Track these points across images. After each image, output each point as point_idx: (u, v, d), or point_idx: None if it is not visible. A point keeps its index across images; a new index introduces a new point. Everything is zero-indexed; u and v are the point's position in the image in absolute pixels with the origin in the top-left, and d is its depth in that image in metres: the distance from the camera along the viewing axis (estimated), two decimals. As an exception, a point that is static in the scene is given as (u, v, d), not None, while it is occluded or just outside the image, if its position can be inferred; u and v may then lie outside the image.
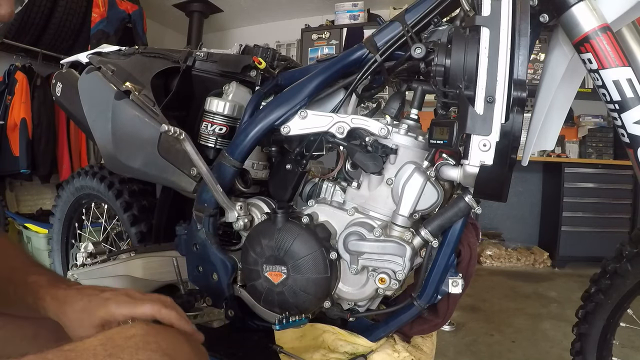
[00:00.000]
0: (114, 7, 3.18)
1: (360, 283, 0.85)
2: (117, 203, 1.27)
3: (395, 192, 0.81)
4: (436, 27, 0.80)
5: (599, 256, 1.07)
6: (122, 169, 1.09)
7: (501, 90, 0.64)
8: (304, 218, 0.84)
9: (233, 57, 1.02)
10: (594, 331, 0.97)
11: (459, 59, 0.67)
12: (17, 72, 2.82)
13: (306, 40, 4.07)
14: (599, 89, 0.68)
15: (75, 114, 1.20)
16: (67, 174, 2.99)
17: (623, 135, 0.68)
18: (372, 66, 0.82)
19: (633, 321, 1.00)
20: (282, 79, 0.94)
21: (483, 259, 3.52)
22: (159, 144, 0.97)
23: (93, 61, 1.16)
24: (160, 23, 4.45)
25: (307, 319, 0.85)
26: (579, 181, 3.44)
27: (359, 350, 0.88)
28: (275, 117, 0.85)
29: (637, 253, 0.89)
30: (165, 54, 1.08)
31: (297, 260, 0.82)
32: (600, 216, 3.40)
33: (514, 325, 2.18)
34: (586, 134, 3.79)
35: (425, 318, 0.88)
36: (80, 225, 1.52)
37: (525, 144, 0.83)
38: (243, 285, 0.95)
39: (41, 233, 2.45)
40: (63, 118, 3.03)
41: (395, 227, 0.80)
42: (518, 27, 0.64)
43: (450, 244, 0.80)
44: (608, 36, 0.64)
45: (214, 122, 0.97)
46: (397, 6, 3.84)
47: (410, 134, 0.82)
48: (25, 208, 3.05)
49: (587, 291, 1.00)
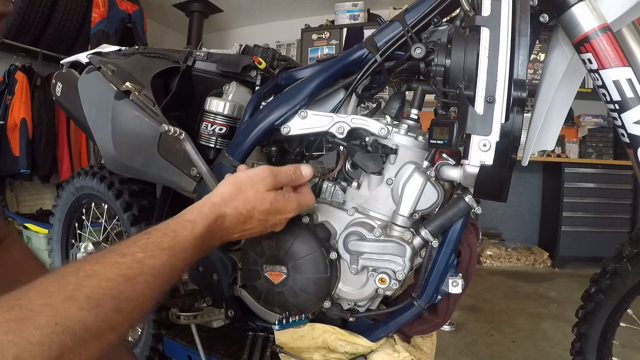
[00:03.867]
0: (114, 7, 3.18)
1: (360, 283, 0.85)
2: (117, 203, 1.27)
3: (395, 192, 0.81)
4: (436, 27, 0.80)
5: (599, 256, 1.07)
6: (122, 169, 1.09)
7: (501, 90, 0.64)
8: (304, 218, 0.84)
9: (233, 57, 1.02)
10: (594, 331, 0.97)
11: (459, 59, 0.67)
12: (17, 72, 2.82)
13: (306, 40, 4.08)
14: (599, 89, 0.68)
15: (75, 114, 1.20)
16: (67, 174, 2.99)
17: (623, 135, 0.68)
18: (372, 66, 0.82)
19: (633, 321, 1.00)
20: (282, 79, 0.94)
21: (483, 259, 3.53)
22: (159, 144, 0.97)
23: (93, 61, 1.16)
24: (160, 23, 4.45)
25: (307, 319, 0.85)
26: (579, 181, 3.44)
27: (359, 350, 0.88)
28: (275, 117, 0.85)
29: (637, 253, 0.89)
30: (165, 54, 1.08)
31: (297, 260, 0.82)
32: (600, 216, 3.40)
33: (514, 325, 2.18)
34: (586, 134, 3.79)
35: (425, 318, 0.88)
36: (80, 225, 1.52)
37: (525, 144, 0.83)
38: (243, 285, 0.95)
39: (41, 233, 2.46)
40: (63, 118, 3.03)
41: (395, 227, 0.80)
42: (518, 27, 0.64)
43: (450, 244, 0.80)
44: (608, 36, 0.64)
45: (214, 122, 0.96)
46: (397, 6, 3.85)
47: (410, 134, 0.82)
48: (25, 208, 3.05)
49: (587, 291, 1.00)
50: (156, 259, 0.49)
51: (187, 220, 0.56)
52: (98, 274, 0.44)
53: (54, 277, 0.43)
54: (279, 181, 0.66)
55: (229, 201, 0.61)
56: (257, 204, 0.63)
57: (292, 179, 0.69)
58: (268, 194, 0.64)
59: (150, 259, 0.48)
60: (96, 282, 0.43)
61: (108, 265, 0.45)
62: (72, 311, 0.39)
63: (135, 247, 0.49)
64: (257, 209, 0.63)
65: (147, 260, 0.48)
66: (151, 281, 0.47)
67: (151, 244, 0.50)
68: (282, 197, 0.66)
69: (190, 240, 0.54)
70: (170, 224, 0.55)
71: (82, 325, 0.39)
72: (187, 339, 1.11)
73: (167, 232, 0.53)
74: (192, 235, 0.54)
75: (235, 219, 0.62)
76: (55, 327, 0.37)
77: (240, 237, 0.65)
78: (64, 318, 0.39)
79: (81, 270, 0.44)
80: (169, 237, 0.52)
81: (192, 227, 0.55)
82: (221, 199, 0.61)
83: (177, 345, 1.13)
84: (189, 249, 0.54)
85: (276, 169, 0.67)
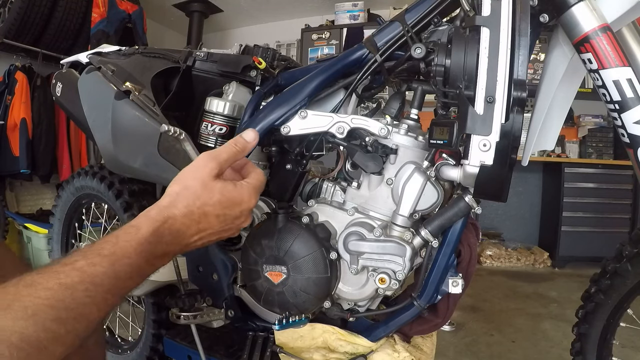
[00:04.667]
0: (114, 7, 3.18)
1: (360, 283, 0.85)
2: (117, 203, 1.27)
3: (395, 192, 0.81)
4: (436, 27, 0.80)
5: (599, 256, 1.07)
6: (122, 169, 1.09)
7: (501, 90, 0.64)
8: (304, 218, 0.84)
9: (233, 57, 1.02)
10: (594, 331, 0.97)
11: (459, 59, 0.67)
12: (17, 72, 2.82)
13: (306, 40, 4.08)
14: (599, 89, 0.68)
15: (75, 114, 1.20)
16: (67, 174, 2.99)
17: (623, 135, 0.68)
18: (372, 66, 0.82)
19: (633, 321, 1.00)
20: (282, 79, 0.94)
21: (483, 259, 3.53)
22: (159, 144, 0.97)
23: (93, 61, 1.16)
24: (160, 23, 4.45)
25: (307, 319, 0.85)
26: (579, 181, 3.44)
27: (359, 350, 0.88)
28: (275, 117, 0.85)
29: (637, 253, 0.89)
30: (165, 54, 1.08)
31: (297, 260, 0.82)
32: (600, 216, 3.40)
33: (514, 325, 2.18)
34: (586, 134, 3.79)
35: (425, 318, 0.88)
36: (80, 225, 1.52)
37: (525, 144, 0.83)
38: (243, 285, 0.95)
39: (41, 233, 2.46)
40: (63, 118, 3.03)
41: (395, 227, 0.80)
42: (518, 27, 0.64)
43: (450, 244, 0.80)
44: (608, 36, 0.64)
45: (214, 122, 0.96)
46: (397, 6, 3.85)
47: (410, 134, 0.82)
48: (25, 208, 3.05)
49: (587, 291, 1.00)
50: (97, 266, 0.47)
51: (131, 225, 0.53)
52: (37, 283, 0.43)
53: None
54: (222, 161, 0.60)
55: (177, 201, 0.56)
56: (205, 197, 0.57)
57: (236, 150, 0.62)
58: (215, 184, 0.58)
59: (90, 267, 0.46)
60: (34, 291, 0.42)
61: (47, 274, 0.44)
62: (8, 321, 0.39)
63: (77, 256, 0.47)
64: (208, 203, 0.57)
65: (87, 268, 0.46)
66: (92, 289, 0.46)
67: (92, 251, 0.48)
68: (233, 185, 0.60)
69: (133, 245, 0.50)
70: (115, 231, 0.52)
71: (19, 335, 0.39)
72: (187, 339, 1.11)
73: (109, 239, 0.50)
74: (135, 239, 0.51)
75: (186, 218, 0.56)
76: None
77: (201, 240, 0.59)
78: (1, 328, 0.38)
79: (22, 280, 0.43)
80: (110, 243, 0.50)
81: (136, 232, 0.52)
82: (169, 200, 0.56)
83: (177, 345, 1.13)
84: (133, 254, 0.50)
85: (215, 151, 0.60)
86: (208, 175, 0.58)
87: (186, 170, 0.59)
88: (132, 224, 0.53)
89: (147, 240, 0.52)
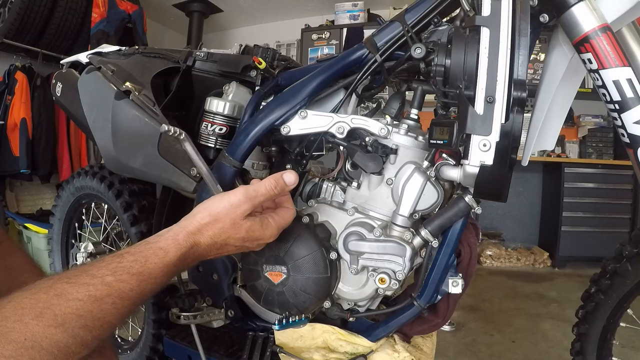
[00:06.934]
0: (114, 7, 3.18)
1: (360, 283, 0.85)
2: (117, 203, 1.27)
3: (395, 192, 0.81)
4: (436, 27, 0.80)
5: (599, 256, 1.07)
6: (122, 169, 1.09)
7: (501, 90, 0.64)
8: (304, 218, 0.84)
9: (233, 57, 1.02)
10: (594, 331, 0.97)
11: (459, 59, 0.67)
12: (17, 72, 2.82)
13: (306, 40, 4.08)
14: (599, 89, 0.68)
15: (75, 114, 1.20)
16: (67, 174, 2.99)
17: (623, 135, 0.68)
18: (372, 66, 0.82)
19: (633, 321, 1.00)
20: (282, 79, 0.94)
21: (483, 259, 3.53)
22: (159, 144, 0.97)
23: (93, 61, 1.16)
24: (160, 23, 4.45)
25: (307, 319, 0.85)
26: (579, 181, 3.44)
27: (359, 350, 0.88)
28: (275, 117, 0.85)
29: (637, 253, 0.89)
30: (165, 54, 1.08)
31: (297, 260, 0.82)
32: (600, 216, 3.40)
33: (514, 325, 2.18)
34: (586, 134, 3.79)
35: (425, 318, 0.88)
36: (80, 225, 1.52)
37: (525, 144, 0.83)
38: (243, 285, 0.95)
39: (41, 233, 2.45)
40: (63, 118, 3.03)
41: (395, 227, 0.80)
42: (518, 27, 0.64)
43: (450, 244, 0.80)
44: (608, 36, 0.64)
45: (214, 122, 0.96)
46: (397, 6, 3.84)
47: (410, 134, 0.82)
48: (25, 208, 3.05)
49: (587, 291, 1.00)
50: (125, 283, 0.51)
51: (160, 247, 0.57)
52: (67, 294, 0.47)
53: (28, 292, 0.46)
54: (257, 203, 0.65)
55: (204, 230, 0.62)
56: (232, 232, 0.63)
57: (274, 193, 0.67)
58: (244, 223, 0.64)
59: (119, 283, 0.51)
60: (64, 301, 0.46)
61: (77, 285, 0.48)
62: (40, 328, 0.43)
63: (106, 270, 0.51)
64: (233, 237, 0.64)
65: (116, 284, 0.50)
66: (119, 302, 0.50)
67: (121, 268, 0.52)
68: (260, 225, 0.66)
69: (160, 267, 0.55)
70: (143, 249, 0.56)
71: (49, 341, 0.43)
72: (187, 339, 1.11)
73: (138, 258, 0.54)
74: (163, 263, 0.56)
75: (210, 246, 0.63)
76: (24, 342, 0.42)
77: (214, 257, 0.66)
78: (33, 334, 0.43)
79: (52, 288, 0.47)
80: (139, 263, 0.54)
81: (164, 255, 0.56)
82: (197, 227, 0.62)
83: (177, 345, 1.13)
84: (159, 275, 0.55)
85: (254, 190, 0.65)
86: (240, 216, 0.63)
87: (221, 203, 0.63)
88: (162, 246, 0.57)
89: (174, 265, 0.57)
